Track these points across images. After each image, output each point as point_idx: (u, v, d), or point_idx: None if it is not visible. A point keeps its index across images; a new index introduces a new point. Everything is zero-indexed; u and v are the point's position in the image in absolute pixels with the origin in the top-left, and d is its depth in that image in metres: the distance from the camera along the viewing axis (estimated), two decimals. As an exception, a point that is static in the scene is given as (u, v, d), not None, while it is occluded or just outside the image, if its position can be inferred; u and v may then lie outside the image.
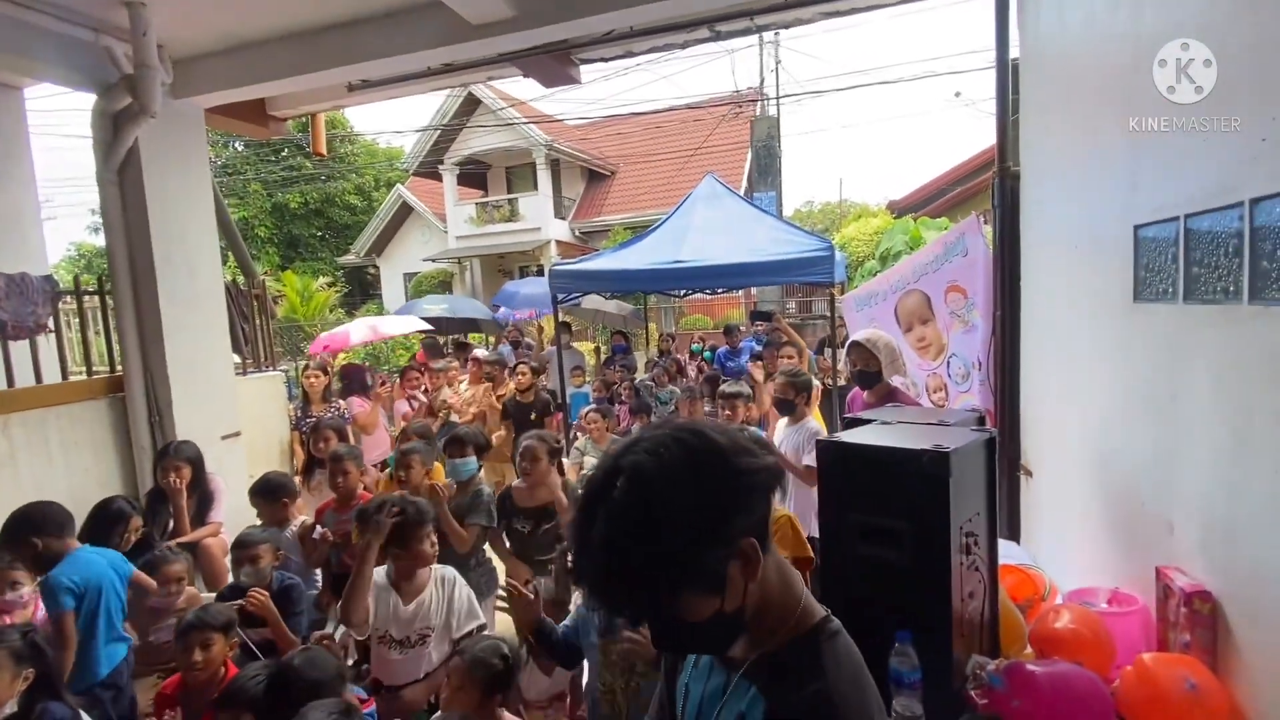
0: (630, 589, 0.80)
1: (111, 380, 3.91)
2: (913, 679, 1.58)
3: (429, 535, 2.47)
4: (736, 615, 0.84)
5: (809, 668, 0.83)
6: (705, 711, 0.94)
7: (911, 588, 1.62)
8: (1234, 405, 1.44)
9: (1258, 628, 1.41)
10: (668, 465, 0.79)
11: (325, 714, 1.67)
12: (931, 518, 1.61)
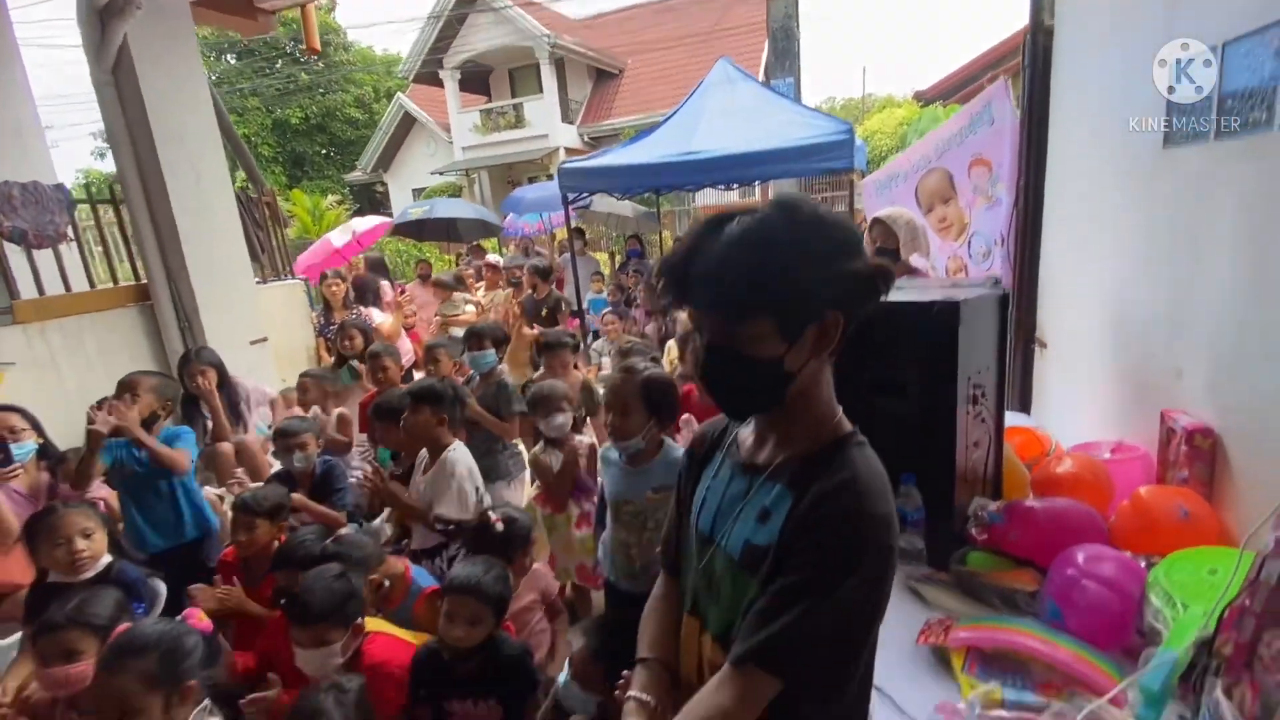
0: (725, 288, 0.84)
1: (138, 289, 4.01)
2: (915, 517, 1.68)
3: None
4: (787, 378, 0.87)
5: (837, 465, 0.88)
6: (724, 513, 0.98)
7: (919, 437, 1.68)
8: (1254, 240, 1.42)
9: (1255, 456, 1.45)
10: (812, 215, 0.85)
11: (321, 577, 1.79)
12: (940, 369, 1.65)
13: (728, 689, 0.86)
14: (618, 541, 2.02)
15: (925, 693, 1.24)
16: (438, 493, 2.44)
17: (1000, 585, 1.50)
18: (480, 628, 1.76)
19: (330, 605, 1.71)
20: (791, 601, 0.83)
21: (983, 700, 1.16)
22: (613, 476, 2.03)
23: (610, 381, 1.94)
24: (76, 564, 2.10)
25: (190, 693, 1.48)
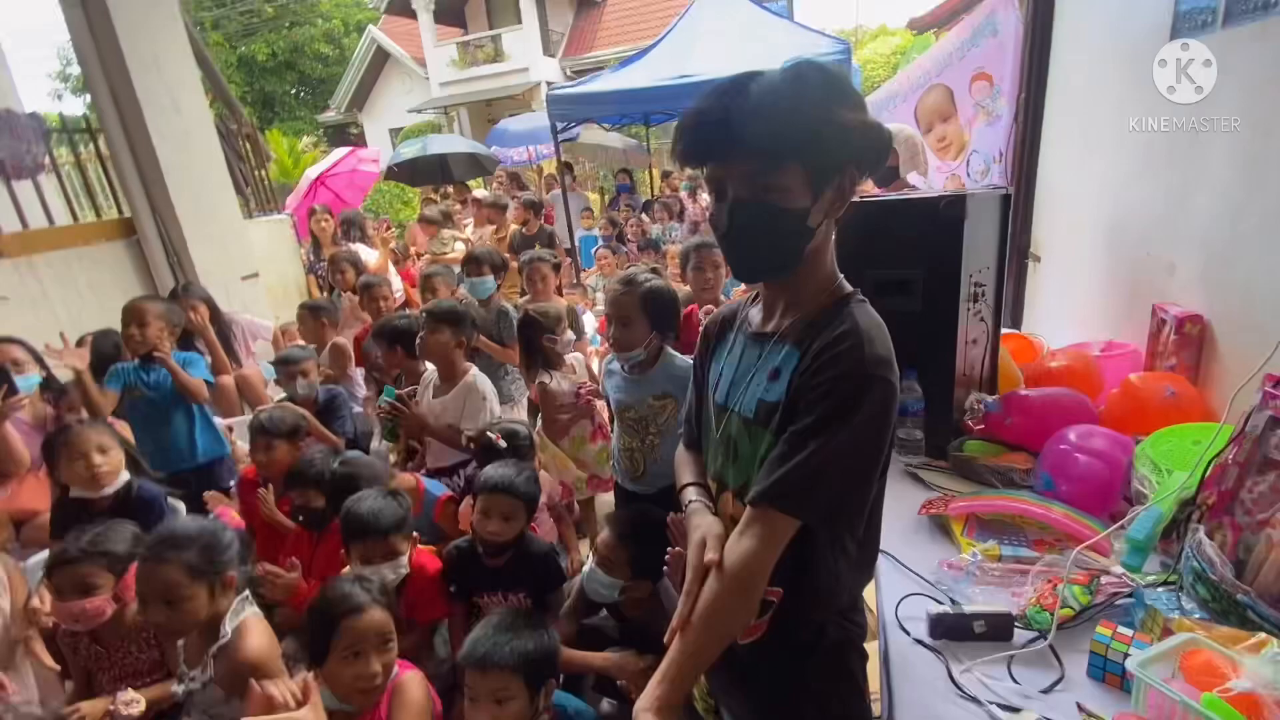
0: (763, 136, 0.85)
1: (124, 223, 3.92)
2: (916, 408, 1.75)
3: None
4: (808, 234, 0.91)
5: (840, 320, 0.92)
6: (738, 382, 1.03)
7: (922, 333, 1.73)
8: (1254, 126, 1.45)
9: (1241, 338, 1.52)
10: (829, 74, 0.87)
11: (379, 495, 1.89)
12: (944, 265, 1.69)
13: (749, 533, 0.91)
14: (623, 447, 2.09)
15: (928, 553, 1.33)
16: (469, 414, 2.48)
17: (996, 465, 1.59)
18: (514, 524, 1.84)
19: (398, 518, 1.80)
20: (803, 443, 0.87)
21: (982, 554, 1.25)
22: (615, 385, 2.08)
23: (612, 294, 1.95)
24: (96, 478, 2.14)
25: (231, 583, 1.55)
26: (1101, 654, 0.98)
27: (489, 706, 1.37)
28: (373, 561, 1.78)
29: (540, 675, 1.43)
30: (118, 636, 1.74)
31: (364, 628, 1.39)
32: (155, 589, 1.44)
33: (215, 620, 1.53)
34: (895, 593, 1.23)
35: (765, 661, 1.03)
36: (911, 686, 1.02)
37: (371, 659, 1.39)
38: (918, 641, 1.11)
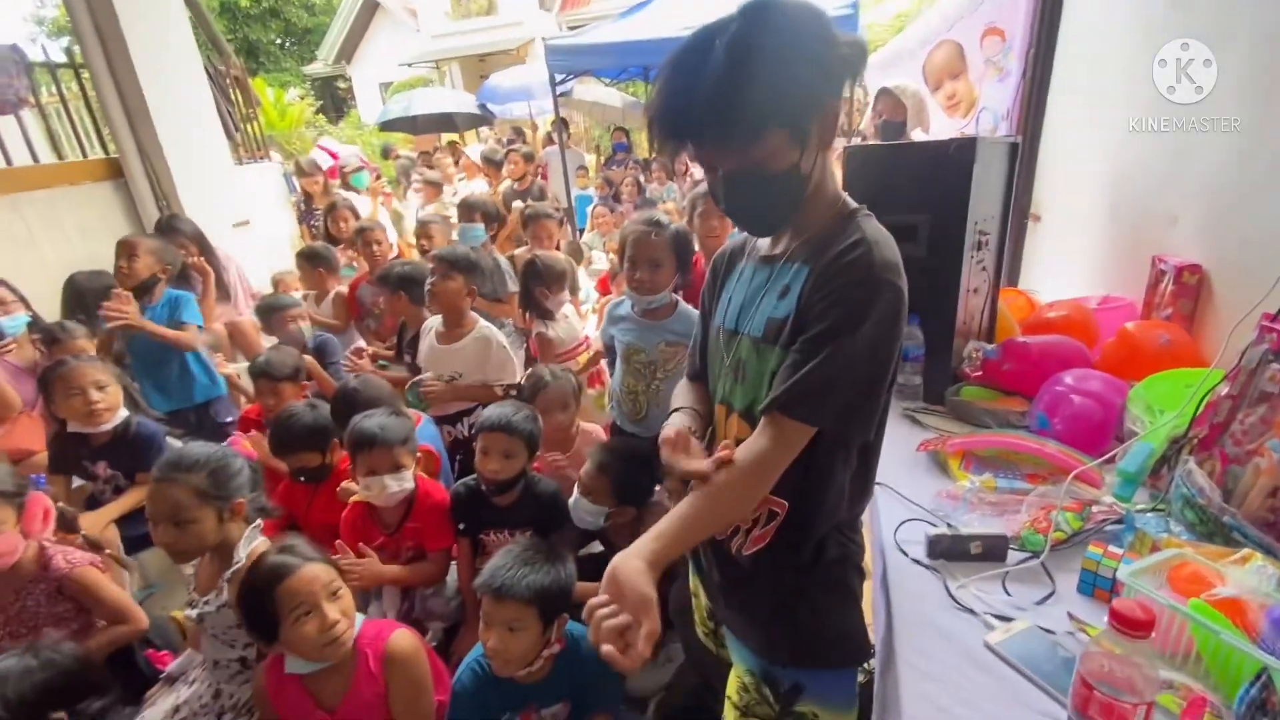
0: (735, 114, 0.83)
1: (111, 163, 3.82)
2: (916, 354, 1.78)
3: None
4: (804, 179, 0.91)
5: (848, 232, 0.92)
6: (747, 305, 1.04)
7: (926, 279, 1.74)
8: (1266, 70, 1.45)
9: (1238, 286, 1.55)
10: (787, 10, 0.83)
11: (385, 413, 1.92)
12: (950, 212, 1.69)
13: (763, 435, 0.93)
14: (626, 389, 2.11)
15: (926, 485, 1.37)
16: (496, 366, 2.48)
17: (993, 408, 1.63)
18: (514, 461, 1.87)
19: (404, 433, 1.82)
20: (815, 350, 0.88)
21: (980, 485, 1.29)
22: (625, 328, 2.08)
23: (638, 235, 1.93)
24: (94, 414, 2.14)
25: (240, 510, 1.57)
26: (1092, 570, 1.03)
27: (502, 633, 1.41)
28: (378, 473, 1.83)
29: (554, 609, 1.46)
30: (15, 590, 1.64)
31: (303, 585, 1.36)
32: (163, 509, 1.46)
33: (227, 547, 1.56)
34: (893, 520, 1.26)
35: (767, 573, 1.06)
36: (910, 600, 1.06)
37: (325, 609, 1.37)
38: (915, 561, 1.15)
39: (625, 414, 2.14)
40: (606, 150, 8.96)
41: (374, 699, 1.42)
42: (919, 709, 0.85)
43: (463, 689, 1.51)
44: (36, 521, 1.74)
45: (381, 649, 1.44)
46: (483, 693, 1.50)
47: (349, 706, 1.41)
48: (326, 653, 1.38)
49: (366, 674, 1.42)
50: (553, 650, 1.50)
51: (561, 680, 1.54)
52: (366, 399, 2.14)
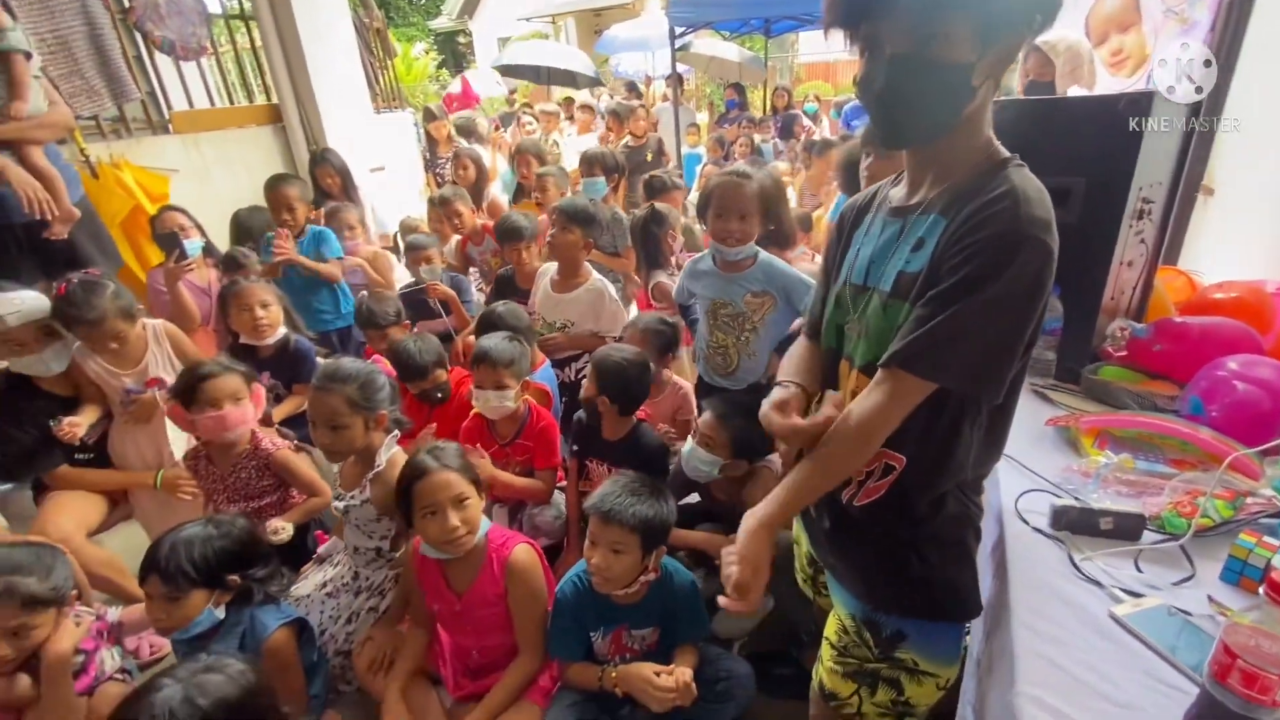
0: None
1: (272, 109, 4.22)
2: (1053, 327, 1.68)
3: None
4: (970, 94, 0.87)
5: (995, 184, 0.86)
6: (877, 260, 1.01)
7: (1074, 248, 1.62)
8: None
9: None
10: None
11: (502, 338, 2.10)
12: (1112, 175, 1.56)
13: (878, 390, 0.92)
14: (715, 343, 2.10)
15: (1053, 460, 1.31)
16: (609, 318, 2.60)
17: (1136, 390, 1.51)
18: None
19: (510, 356, 1.99)
20: (943, 305, 0.85)
21: (1117, 464, 1.23)
22: (708, 283, 2.08)
23: (725, 185, 1.90)
24: (258, 328, 2.44)
25: (382, 421, 1.76)
26: (1241, 558, 0.96)
27: (606, 553, 1.52)
28: (484, 387, 2.01)
29: (654, 540, 1.55)
30: (229, 466, 1.96)
31: (432, 488, 1.50)
32: (322, 414, 1.66)
33: (370, 451, 1.76)
34: (1013, 489, 1.23)
35: (879, 525, 1.06)
36: (1029, 566, 1.05)
37: (447, 514, 1.50)
38: (1036, 530, 1.12)
39: (713, 369, 2.14)
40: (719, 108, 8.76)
41: (493, 596, 1.59)
42: (1033, 665, 0.85)
43: (564, 598, 1.64)
44: (259, 407, 2.04)
45: (505, 556, 1.59)
46: (581, 604, 1.63)
47: (472, 595, 1.59)
48: (445, 549, 1.55)
49: (490, 573, 1.59)
50: (649, 577, 1.59)
51: (654, 607, 1.64)
52: (508, 324, 2.35)
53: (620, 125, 5.40)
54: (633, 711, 1.60)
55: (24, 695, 1.44)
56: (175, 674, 1.05)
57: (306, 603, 1.79)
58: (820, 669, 1.22)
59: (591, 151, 3.48)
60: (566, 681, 1.63)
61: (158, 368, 2.15)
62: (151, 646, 2.03)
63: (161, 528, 2.10)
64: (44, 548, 1.49)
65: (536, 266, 2.87)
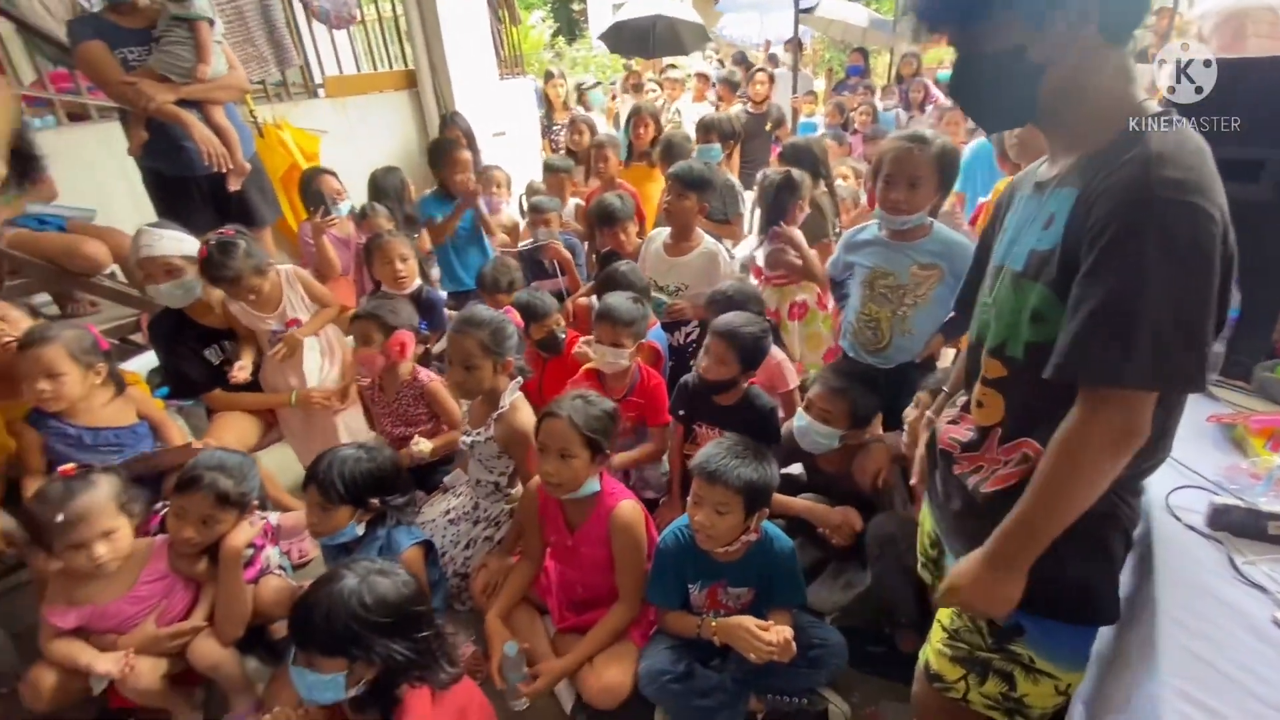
0: None
1: (408, 74, 4.50)
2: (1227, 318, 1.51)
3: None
4: (1036, 72, 0.84)
5: (1124, 148, 0.79)
6: (1015, 239, 0.97)
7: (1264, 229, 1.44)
8: None
9: None
10: None
11: (625, 298, 2.16)
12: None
13: (1073, 412, 0.84)
14: (867, 315, 2.04)
15: (1212, 459, 1.20)
16: (715, 279, 2.61)
17: (1324, 392, 1.34)
18: (724, 367, 1.98)
19: (631, 315, 2.07)
20: (1083, 297, 0.78)
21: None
22: (870, 253, 2.01)
23: (898, 151, 1.83)
24: (397, 279, 2.65)
25: (508, 367, 1.89)
26: None
27: (709, 511, 1.56)
28: (602, 343, 2.10)
29: (756, 502, 1.57)
30: (394, 393, 2.25)
31: (546, 433, 1.60)
32: (457, 355, 1.81)
33: (495, 394, 1.90)
34: (1166, 484, 1.14)
35: (1004, 512, 0.98)
36: (1180, 563, 0.98)
37: (550, 462, 1.60)
38: (1190, 528, 1.04)
39: (861, 343, 2.08)
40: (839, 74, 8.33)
41: (599, 539, 1.68)
42: (1181, 659, 0.81)
43: (665, 549, 1.70)
44: (408, 348, 2.23)
45: (612, 506, 1.68)
46: (682, 556, 1.69)
47: (582, 534, 1.70)
48: (549, 490, 1.65)
49: (599, 518, 1.68)
50: (749, 538, 1.62)
51: (751, 568, 1.67)
52: (629, 282, 2.44)
53: (731, 94, 5.27)
54: (723, 662, 1.66)
55: (203, 574, 1.71)
56: (355, 569, 1.21)
57: (431, 526, 1.98)
58: (929, 649, 1.21)
59: (709, 117, 3.45)
60: (663, 626, 1.71)
61: (294, 310, 2.40)
62: (299, 551, 2.31)
63: (305, 449, 2.44)
64: (246, 458, 1.74)
65: (637, 245, 2.92)
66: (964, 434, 1.07)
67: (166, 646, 1.62)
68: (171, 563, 1.66)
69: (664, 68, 8.12)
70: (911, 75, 7.16)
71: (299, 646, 1.17)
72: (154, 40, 2.53)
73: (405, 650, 1.17)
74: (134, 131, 2.54)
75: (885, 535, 1.75)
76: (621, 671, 1.63)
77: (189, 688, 1.73)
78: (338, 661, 1.15)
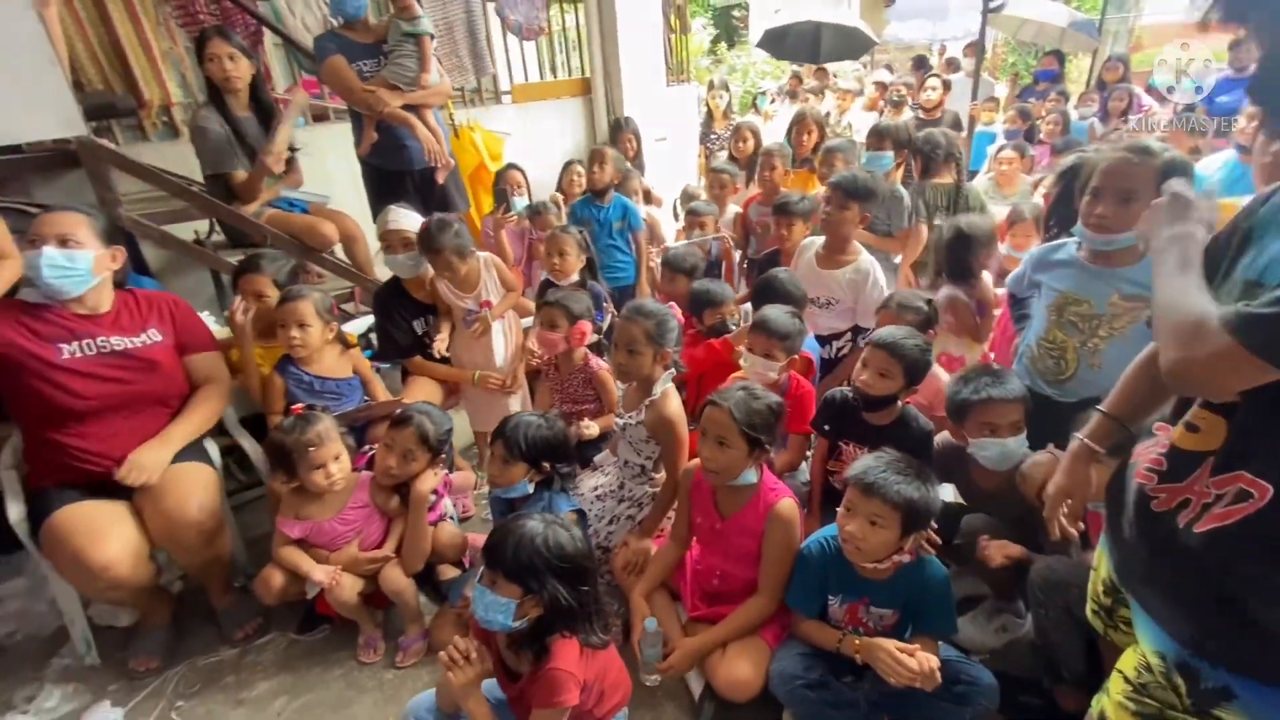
0: None
1: (584, 82, 4.81)
2: None
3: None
4: None
5: None
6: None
7: None
8: None
9: None
10: None
11: (783, 311, 2.17)
12: None
13: (1203, 343, 0.82)
14: (1052, 342, 1.88)
15: None
16: (861, 298, 2.59)
17: None
18: (888, 381, 1.92)
19: (787, 329, 2.10)
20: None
21: None
22: (1063, 274, 1.86)
23: (1113, 162, 1.66)
24: (557, 270, 2.86)
25: (665, 358, 1.98)
26: None
27: (863, 523, 1.52)
28: (753, 351, 2.13)
29: (915, 522, 1.51)
30: (567, 374, 2.44)
31: (709, 419, 1.66)
32: (624, 339, 1.94)
33: (650, 381, 2.00)
34: None
35: (1220, 558, 0.91)
36: None
37: (708, 449, 1.66)
38: None
39: (1040, 372, 1.93)
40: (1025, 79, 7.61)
41: (751, 529, 1.72)
42: None
43: (809, 555, 1.69)
44: (586, 336, 2.42)
45: (773, 502, 1.70)
46: (824, 567, 1.66)
47: (733, 522, 1.75)
48: (706, 476, 1.72)
49: (755, 510, 1.72)
50: (902, 558, 1.56)
51: (899, 590, 1.61)
52: (786, 290, 2.45)
53: (896, 110, 5.03)
54: (856, 680, 1.62)
55: (395, 510, 1.99)
56: (540, 517, 1.36)
57: (580, 499, 2.13)
58: (1105, 700, 1.11)
59: (883, 124, 3.33)
60: (797, 632, 1.70)
61: (487, 292, 2.67)
62: (463, 506, 2.58)
63: (478, 417, 2.73)
64: (446, 415, 2.03)
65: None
66: (1167, 464, 0.98)
67: (364, 568, 1.91)
68: (371, 495, 1.95)
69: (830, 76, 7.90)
70: (1116, 81, 6.37)
71: (487, 566, 1.33)
72: (383, 54, 2.95)
73: (569, 597, 1.29)
74: (366, 133, 2.97)
75: (1053, 580, 1.60)
76: (753, 667, 1.65)
77: (374, 608, 2.01)
78: (513, 589, 1.30)
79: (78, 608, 1.94)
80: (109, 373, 1.82)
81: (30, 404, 1.76)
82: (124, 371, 1.84)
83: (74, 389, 1.77)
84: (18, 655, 2.04)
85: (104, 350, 1.82)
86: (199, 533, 1.86)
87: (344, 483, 1.89)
